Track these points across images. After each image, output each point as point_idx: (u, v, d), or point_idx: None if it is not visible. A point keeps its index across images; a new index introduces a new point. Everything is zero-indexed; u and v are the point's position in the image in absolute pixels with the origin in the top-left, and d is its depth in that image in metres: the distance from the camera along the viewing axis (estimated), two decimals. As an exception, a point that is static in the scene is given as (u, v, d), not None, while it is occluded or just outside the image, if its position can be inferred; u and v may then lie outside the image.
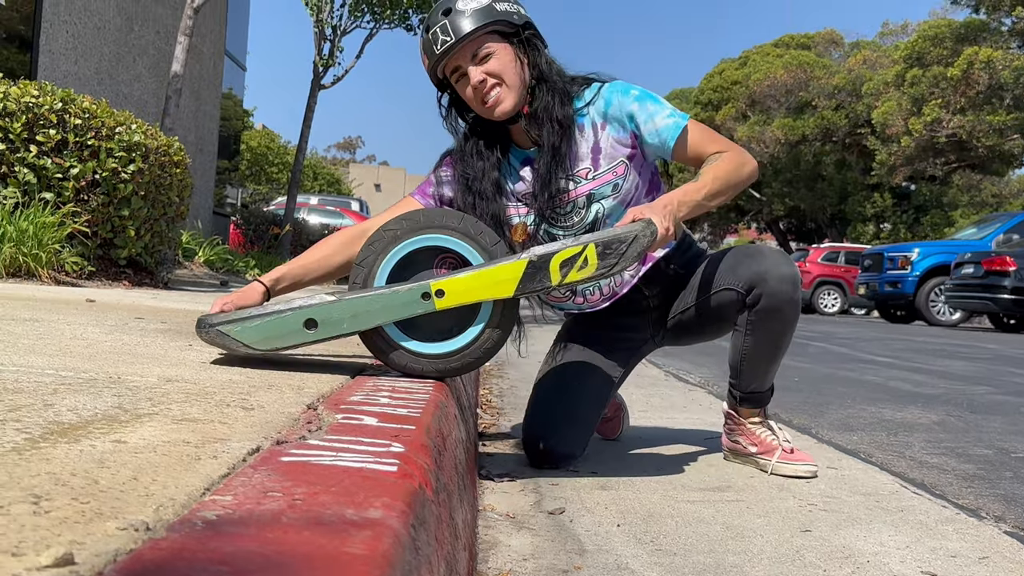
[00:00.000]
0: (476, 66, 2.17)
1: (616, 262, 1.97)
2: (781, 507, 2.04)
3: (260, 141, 28.20)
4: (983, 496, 2.24)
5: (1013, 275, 14.26)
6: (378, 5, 12.21)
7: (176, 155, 6.12)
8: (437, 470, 1.28)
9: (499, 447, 2.65)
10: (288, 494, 0.92)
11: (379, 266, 2.04)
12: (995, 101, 26.39)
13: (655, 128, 2.26)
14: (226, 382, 1.70)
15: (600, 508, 1.96)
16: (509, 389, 3.92)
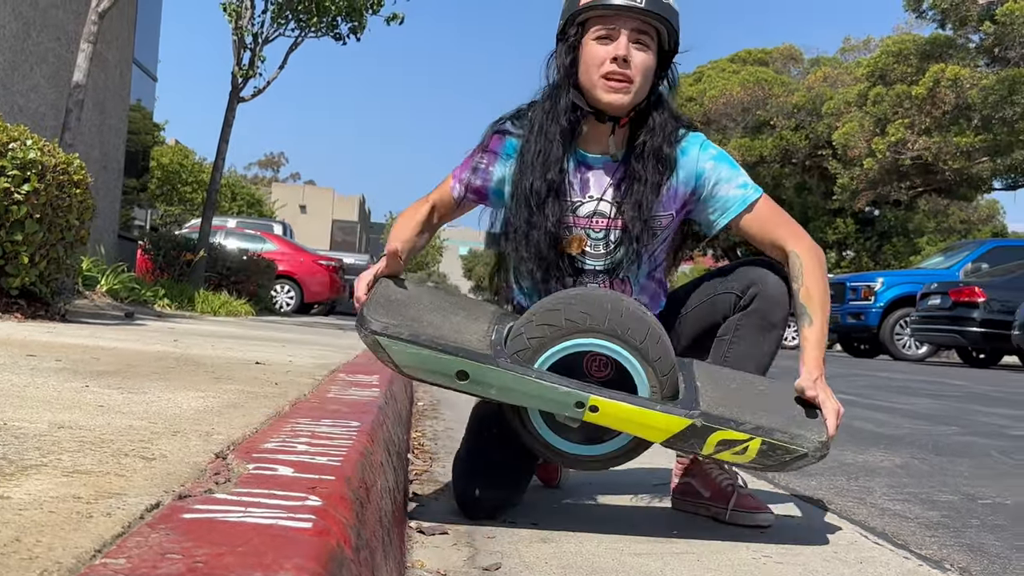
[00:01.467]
0: (629, 42, 2.17)
1: (771, 465, 2.10)
2: (734, 559, 2.05)
3: (172, 157, 27.89)
4: (947, 546, 2.27)
5: (982, 307, 14.57)
6: (303, 12, 12.18)
7: (76, 174, 6.02)
8: (358, 525, 1.27)
9: (432, 495, 2.63)
10: (188, 556, 0.91)
11: (546, 352, 2.08)
12: (962, 121, 27.01)
13: (722, 194, 2.33)
14: (125, 428, 1.68)
15: (540, 563, 1.95)
16: (444, 431, 3.90)
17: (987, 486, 3.15)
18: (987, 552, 2.22)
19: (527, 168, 2.29)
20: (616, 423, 2.05)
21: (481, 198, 2.44)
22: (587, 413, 2.02)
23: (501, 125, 2.40)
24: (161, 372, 2.90)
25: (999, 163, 27.22)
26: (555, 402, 2.03)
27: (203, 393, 2.38)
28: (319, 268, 19.62)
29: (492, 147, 2.39)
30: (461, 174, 2.41)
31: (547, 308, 2.13)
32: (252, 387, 2.63)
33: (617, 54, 2.16)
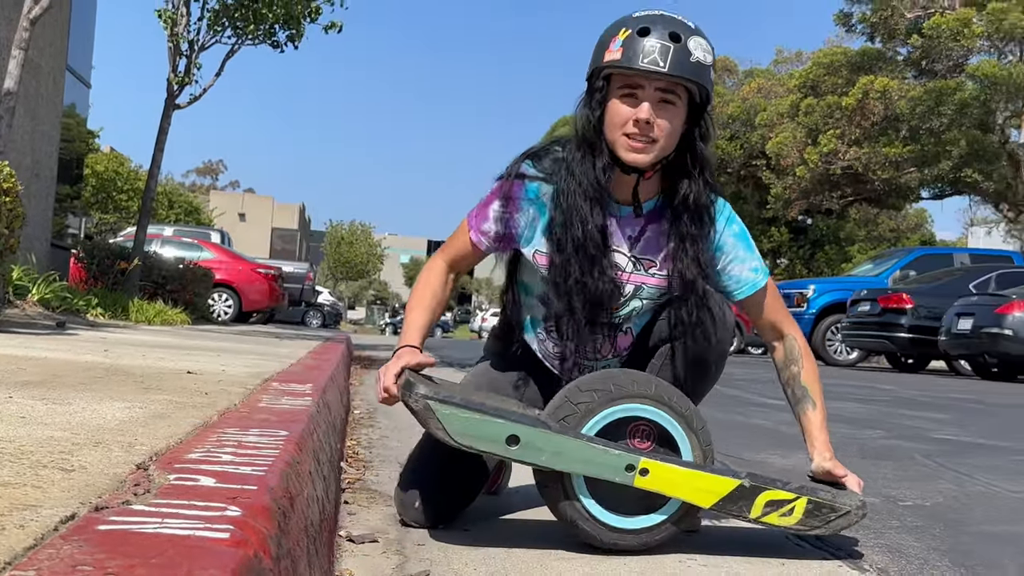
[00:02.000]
0: (655, 102, 2.13)
1: (817, 526, 2.14)
2: (660, 563, 2.06)
3: (108, 165, 27.50)
4: (868, 547, 2.32)
5: (910, 313, 14.83)
6: (240, 19, 12.05)
7: (5, 182, 5.92)
8: (280, 535, 1.26)
9: (364, 504, 2.62)
10: (100, 568, 0.90)
11: (595, 416, 2.09)
12: (891, 132, 27.51)
13: (736, 273, 2.36)
14: (46, 439, 1.65)
15: (468, 570, 1.95)
16: (379, 440, 3.89)
17: (909, 488, 3.20)
18: (906, 553, 2.27)
19: (575, 215, 2.23)
20: (666, 486, 2.06)
21: (507, 245, 2.38)
22: (637, 477, 2.04)
23: (520, 169, 2.34)
24: (88, 382, 2.85)
25: (926, 173, 27.74)
26: (606, 466, 2.04)
27: (129, 404, 2.35)
28: (258, 276, 19.42)
29: (513, 193, 2.33)
30: (481, 226, 2.35)
31: (592, 378, 2.16)
32: (181, 397, 2.60)
33: (639, 117, 2.13)
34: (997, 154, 26.57)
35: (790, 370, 2.38)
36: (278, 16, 12.02)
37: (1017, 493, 3.16)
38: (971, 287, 14.96)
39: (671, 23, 2.13)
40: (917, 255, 18.81)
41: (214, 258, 18.68)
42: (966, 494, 3.13)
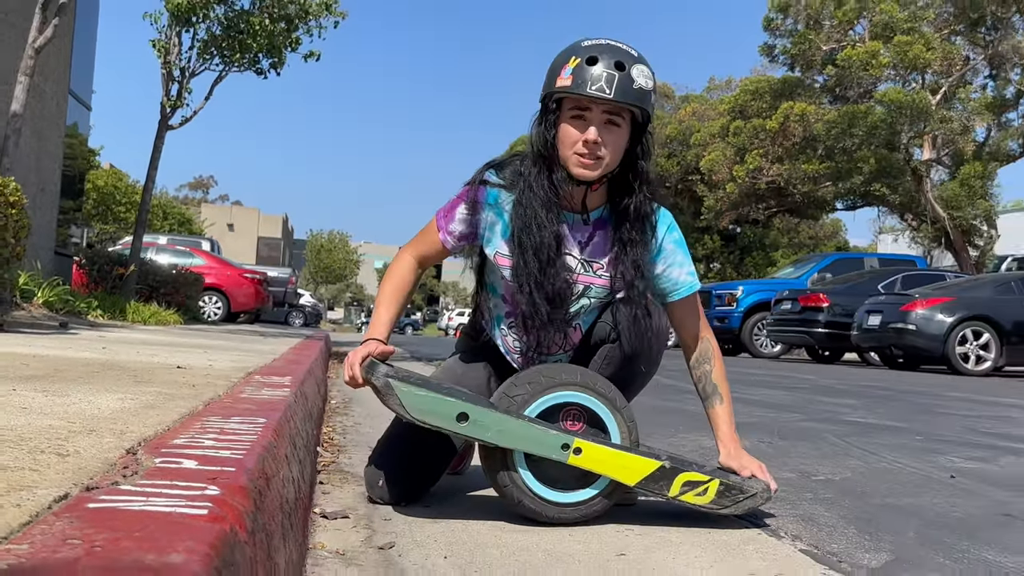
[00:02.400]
0: (601, 124, 2.15)
1: (727, 505, 2.15)
2: (600, 533, 2.08)
3: (107, 180, 27.13)
4: (784, 516, 2.34)
5: (826, 311, 15.01)
6: (227, 49, 11.96)
7: (12, 195, 5.83)
8: (255, 511, 1.25)
9: (337, 485, 2.61)
10: (88, 541, 0.89)
11: (534, 401, 2.12)
12: (809, 151, 27.81)
13: (674, 276, 2.37)
14: (45, 428, 1.63)
15: (430, 541, 1.95)
16: (353, 426, 3.87)
17: (822, 465, 3.23)
18: (817, 522, 2.29)
19: (532, 223, 2.25)
20: (597, 465, 2.08)
21: (469, 242, 2.40)
22: (571, 456, 2.06)
23: (484, 176, 2.36)
24: (86, 376, 2.82)
25: (840, 187, 28.11)
26: (545, 444, 2.06)
27: (123, 395, 2.33)
28: (245, 281, 19.27)
29: (478, 198, 2.34)
30: (448, 226, 2.37)
31: (525, 375, 2.18)
32: (170, 389, 2.57)
33: (588, 138, 2.15)
34: (902, 170, 26.93)
35: (702, 368, 2.40)
36: (262, 46, 11.93)
37: (918, 469, 3.20)
38: (880, 288, 15.16)
39: (616, 52, 2.15)
40: (833, 259, 19.04)
41: (205, 264, 18.51)
42: (872, 470, 3.17)
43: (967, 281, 14.21)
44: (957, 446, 3.88)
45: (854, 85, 27.39)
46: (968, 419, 5.19)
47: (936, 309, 12.52)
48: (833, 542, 2.08)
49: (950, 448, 3.79)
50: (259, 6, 11.99)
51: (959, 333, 12.31)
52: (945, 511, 2.47)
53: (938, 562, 1.93)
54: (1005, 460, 3.48)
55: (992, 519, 2.39)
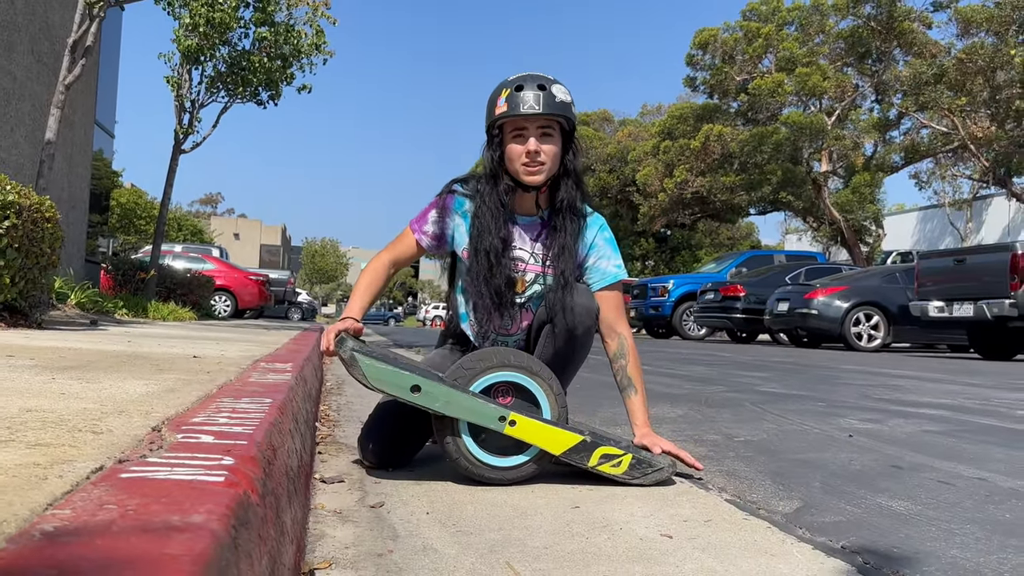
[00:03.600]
0: (537, 136, 2.21)
1: (637, 476, 2.14)
2: (558, 490, 2.08)
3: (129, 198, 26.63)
4: (711, 472, 2.36)
5: (743, 299, 15.16)
6: (231, 83, 11.82)
7: (48, 212, 5.72)
8: (265, 478, 1.24)
9: (333, 454, 2.59)
10: (122, 506, 0.88)
11: (479, 379, 2.12)
12: (727, 166, 28.06)
13: (602, 267, 2.39)
14: (81, 410, 1.61)
15: (414, 500, 1.95)
16: (345, 404, 3.85)
17: (742, 428, 3.26)
18: (739, 476, 2.32)
19: (484, 231, 2.30)
20: (528, 436, 2.07)
21: (440, 243, 2.41)
22: (507, 427, 2.06)
23: (451, 187, 2.41)
24: (115, 366, 2.78)
25: (753, 195, 28.37)
26: (485, 416, 2.05)
27: (147, 381, 2.29)
28: (250, 282, 19.07)
29: (446, 204, 2.38)
30: (423, 227, 2.39)
31: (474, 356, 2.17)
32: (188, 376, 2.54)
33: (529, 149, 2.22)
34: (804, 181, 27.25)
35: (619, 362, 2.39)
36: (261, 81, 11.79)
37: (821, 430, 3.24)
38: (787, 279, 15.34)
39: (537, 78, 2.24)
40: (747, 256, 19.23)
41: (215, 268, 18.29)
42: (783, 431, 3.20)
43: (859, 273, 14.41)
44: (854, 410, 3.94)
45: (763, 110, 27.69)
46: (862, 388, 5.26)
47: (834, 296, 12.69)
48: (753, 493, 2.11)
49: (848, 412, 3.84)
50: (258, 47, 11.85)
51: (853, 316, 12.49)
52: (845, 465, 2.51)
53: (840, 507, 1.96)
54: (894, 422, 3.54)
55: (884, 471, 2.43)
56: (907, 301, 12.21)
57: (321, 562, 1.45)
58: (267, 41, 11.73)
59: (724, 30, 29.10)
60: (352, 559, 1.48)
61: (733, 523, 1.78)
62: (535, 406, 2.17)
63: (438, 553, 1.52)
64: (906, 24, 25.57)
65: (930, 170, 31.15)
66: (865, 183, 26.66)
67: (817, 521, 1.82)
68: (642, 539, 1.64)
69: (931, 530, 1.76)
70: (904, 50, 26.46)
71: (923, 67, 24.00)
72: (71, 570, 0.68)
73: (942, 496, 2.09)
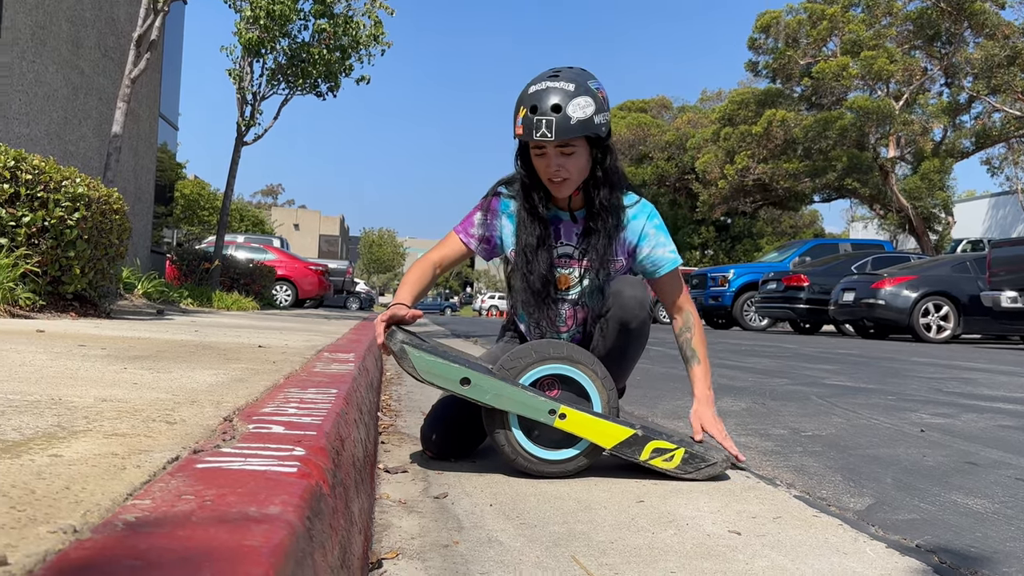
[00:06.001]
0: (557, 155, 2.18)
1: (690, 471, 2.12)
2: (622, 483, 2.07)
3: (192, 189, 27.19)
4: (778, 467, 2.33)
5: (807, 289, 14.88)
6: (292, 75, 12.01)
7: (116, 204, 5.89)
8: (334, 468, 1.26)
9: (396, 444, 2.62)
10: (200, 496, 0.90)
11: (528, 371, 2.11)
12: (790, 152, 27.55)
13: (658, 255, 2.36)
14: (154, 400, 1.65)
15: (477, 492, 1.96)
16: (406, 394, 3.89)
17: (809, 422, 3.21)
18: (807, 471, 2.28)
19: (521, 229, 2.32)
20: (578, 429, 2.06)
21: (490, 246, 2.42)
22: (557, 420, 2.05)
23: (497, 189, 2.41)
24: (184, 356, 2.85)
25: (817, 182, 27.80)
26: (535, 409, 2.05)
27: (216, 371, 2.35)
28: (310, 272, 19.35)
29: (493, 207, 2.40)
30: (468, 230, 2.40)
31: (522, 348, 2.16)
32: (255, 365, 2.59)
33: (549, 168, 2.21)
34: (870, 167, 26.61)
35: (684, 336, 2.40)
36: (320, 72, 11.96)
37: (892, 425, 3.17)
38: (853, 268, 15.02)
39: (553, 95, 2.14)
40: (811, 245, 18.84)
41: (276, 259, 18.61)
42: (852, 426, 3.14)
43: (928, 261, 14.03)
44: (925, 404, 3.84)
45: (828, 94, 27.10)
46: (933, 381, 5.13)
47: (902, 286, 12.38)
48: (822, 489, 2.07)
49: (919, 406, 3.75)
50: (317, 39, 12.00)
51: (922, 306, 12.17)
52: (917, 461, 2.45)
53: (914, 504, 1.91)
54: (967, 416, 3.44)
55: (958, 467, 2.36)
56: (978, 291, 11.86)
57: (389, 552, 1.47)
58: (326, 33, 11.87)
59: (787, 12, 28.52)
60: (419, 549, 1.49)
61: (803, 520, 1.75)
62: (586, 399, 2.15)
63: (503, 545, 1.53)
64: (977, 4, 24.73)
65: (1002, 155, 30.06)
66: (934, 169, 25.93)
67: (890, 519, 1.78)
68: (709, 535, 1.62)
69: (1009, 529, 1.71)
70: (975, 31, 25.60)
71: (995, 49, 23.21)
72: (154, 561, 0.70)
73: (1020, 494, 2.03)
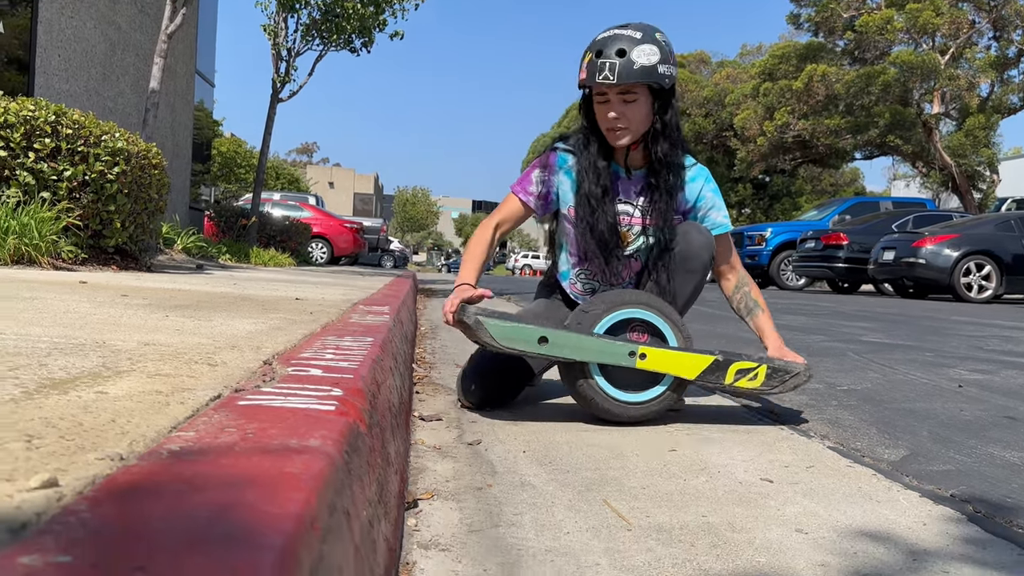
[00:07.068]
0: (619, 103, 2.19)
1: (776, 386, 2.15)
2: (655, 432, 2.09)
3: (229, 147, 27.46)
4: (813, 420, 2.32)
5: (846, 248, 14.68)
6: (326, 31, 11.97)
7: (155, 158, 5.95)
8: (371, 410, 1.28)
9: (430, 394, 2.66)
10: (241, 430, 0.92)
11: (602, 320, 2.14)
12: (831, 108, 26.97)
13: (712, 218, 2.39)
14: (195, 345, 1.69)
15: (510, 439, 1.99)
16: (440, 348, 3.92)
17: (844, 377, 3.19)
18: (842, 424, 2.27)
19: (584, 179, 2.31)
20: (660, 366, 2.09)
21: (547, 202, 2.42)
22: (638, 361, 2.08)
23: (554, 146, 2.42)
24: (224, 306, 2.90)
25: (858, 139, 27.23)
26: (615, 354, 2.07)
27: (255, 320, 2.39)
28: (345, 230, 19.46)
29: (551, 162, 2.40)
30: (527, 188, 2.41)
31: (592, 300, 2.19)
32: (293, 316, 2.63)
33: (609, 115, 2.20)
34: (913, 124, 26.01)
35: (742, 290, 2.43)
36: (355, 28, 11.90)
37: (929, 380, 3.14)
38: (894, 227, 14.77)
39: (619, 40, 2.16)
40: (852, 203, 18.52)
41: (311, 216, 18.72)
42: (889, 381, 3.12)
43: (971, 220, 13.74)
44: (963, 360, 3.80)
45: (871, 48, 26.43)
46: (973, 339, 5.06)
47: (944, 245, 12.17)
48: (856, 441, 2.07)
49: (957, 363, 3.71)
50: (351, -7, 11.94)
51: (964, 265, 11.96)
52: (954, 415, 2.43)
53: (949, 456, 1.90)
54: (1007, 373, 3.40)
55: (997, 421, 2.34)
56: (1022, 250, 11.61)
57: (424, 493, 1.50)
58: (360, -14, 11.80)
59: (831, -36, 27.75)
60: (453, 491, 1.52)
61: (836, 470, 1.75)
62: (661, 339, 2.17)
63: (536, 489, 1.55)
64: (1032, -48, 23.87)
65: (1053, 111, 29.21)
66: (980, 125, 25.26)
67: (925, 470, 1.78)
68: (741, 483, 1.63)
69: (1048, 482, 1.69)
70: (1028, -19, 24.74)
71: (1050, -1, 22.39)
72: (199, 485, 0.72)
73: (1061, 449, 2.01)
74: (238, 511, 0.65)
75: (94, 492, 0.68)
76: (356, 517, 0.91)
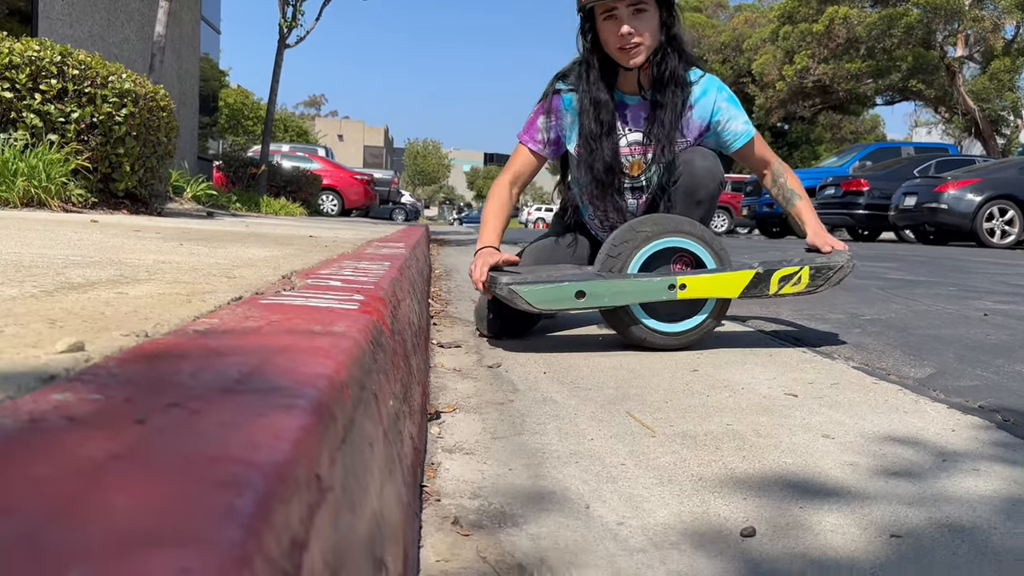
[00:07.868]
0: (630, 16, 2.13)
1: (822, 284, 2.13)
2: (676, 355, 2.09)
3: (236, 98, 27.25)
4: (836, 344, 2.32)
5: (866, 194, 14.54)
6: (333, -27, 11.85)
7: (162, 101, 5.93)
8: (392, 317, 1.28)
9: (447, 326, 2.66)
10: (266, 320, 0.93)
11: (633, 258, 2.12)
12: (852, 51, 26.53)
13: (732, 128, 2.33)
14: (212, 264, 1.69)
15: (530, 363, 1.99)
16: (455, 287, 3.93)
17: (868, 308, 3.17)
18: (866, 348, 2.27)
19: (584, 116, 2.27)
20: (702, 292, 2.08)
21: (557, 146, 2.40)
22: (679, 292, 2.06)
23: (555, 87, 2.36)
24: (238, 239, 2.90)
25: (880, 83, 26.83)
26: (654, 291, 2.06)
27: (270, 249, 2.39)
28: (356, 181, 19.38)
29: (554, 106, 2.35)
30: (535, 136, 2.37)
31: (616, 238, 2.14)
32: (307, 247, 2.63)
33: (622, 32, 2.13)
34: (937, 67, 25.57)
35: (779, 182, 2.41)
36: (363, -29, 11.77)
37: (954, 310, 3.12)
38: (915, 172, 14.60)
39: None
40: (873, 149, 18.28)
41: (321, 168, 18.64)
42: (913, 311, 3.10)
43: (994, 164, 13.56)
44: (988, 294, 3.77)
45: (894, -11, 25.90)
46: (997, 275, 5.02)
47: (966, 189, 12.02)
48: (881, 362, 2.06)
49: (982, 295, 3.68)
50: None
51: (986, 210, 11.83)
52: (980, 339, 2.42)
53: (976, 374, 1.90)
54: (1033, 305, 3.38)
55: (1023, 344, 2.33)
56: (1048, 194, 11.47)
57: (446, 407, 1.51)
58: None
59: (853, -100, 27.09)
60: (475, 406, 1.53)
61: (862, 386, 1.75)
62: (697, 264, 2.16)
63: (558, 403, 1.56)
64: None
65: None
66: (1004, 69, 24.80)
67: (952, 385, 1.77)
68: (765, 397, 1.63)
69: (1078, 398, 1.69)
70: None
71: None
72: (228, 352, 0.72)
73: (1090, 369, 2.00)
74: (269, 370, 0.65)
75: (122, 355, 0.68)
76: (383, 403, 0.91)
